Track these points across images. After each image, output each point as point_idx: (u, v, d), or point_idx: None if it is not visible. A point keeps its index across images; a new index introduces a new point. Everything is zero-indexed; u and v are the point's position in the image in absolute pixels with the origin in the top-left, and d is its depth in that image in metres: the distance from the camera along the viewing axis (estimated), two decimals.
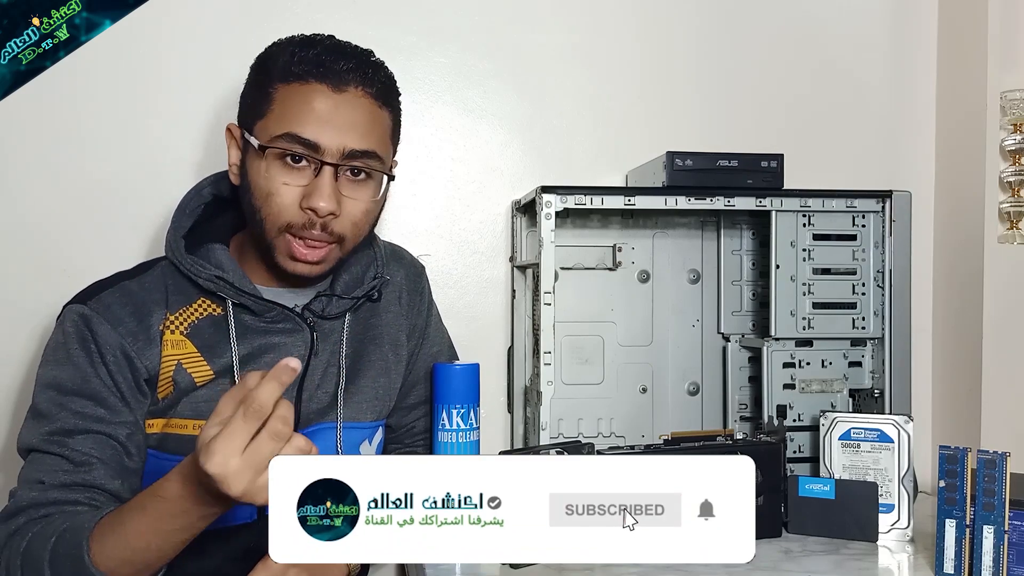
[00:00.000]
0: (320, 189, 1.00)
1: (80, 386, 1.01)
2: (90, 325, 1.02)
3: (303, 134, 1.00)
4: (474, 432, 1.16)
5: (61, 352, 1.03)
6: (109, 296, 1.04)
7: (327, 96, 1.01)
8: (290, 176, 1.01)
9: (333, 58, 1.02)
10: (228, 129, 1.08)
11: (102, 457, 1.00)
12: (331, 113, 1.01)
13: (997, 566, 0.97)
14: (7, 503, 0.99)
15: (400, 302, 1.22)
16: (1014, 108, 1.38)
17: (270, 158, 1.01)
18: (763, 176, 1.30)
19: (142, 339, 1.03)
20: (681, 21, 1.51)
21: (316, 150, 1.00)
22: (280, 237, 1.03)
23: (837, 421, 1.20)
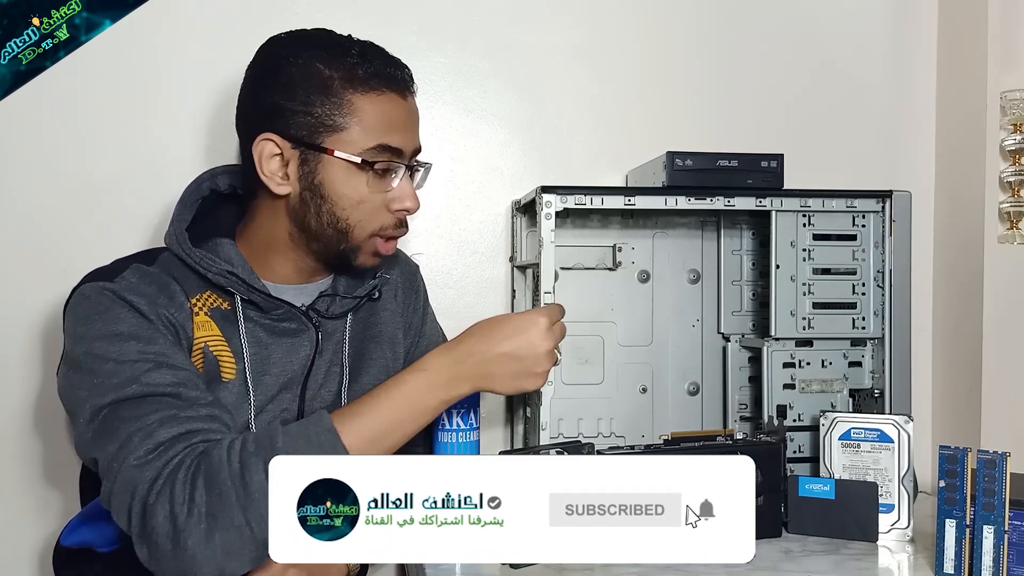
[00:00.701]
0: (407, 192, 1.08)
1: (144, 347, 0.97)
2: (124, 296, 0.99)
3: (393, 143, 1.06)
4: (474, 432, 1.16)
5: (101, 322, 0.98)
6: (131, 275, 1.02)
7: (400, 104, 1.07)
8: (380, 184, 1.06)
9: (390, 66, 1.08)
10: (266, 139, 1.04)
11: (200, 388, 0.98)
12: (407, 120, 1.08)
13: (997, 566, 0.97)
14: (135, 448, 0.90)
15: (396, 300, 1.23)
16: (1014, 108, 1.38)
17: (368, 172, 1.05)
18: (763, 176, 1.30)
19: (179, 311, 1.02)
20: (681, 21, 1.51)
21: (400, 156, 1.07)
22: (369, 240, 1.08)
23: (837, 421, 1.20)
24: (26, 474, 1.36)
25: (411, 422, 0.99)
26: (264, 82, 1.06)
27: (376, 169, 1.04)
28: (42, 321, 1.34)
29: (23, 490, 1.36)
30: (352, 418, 0.97)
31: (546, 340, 1.02)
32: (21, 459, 1.36)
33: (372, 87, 1.04)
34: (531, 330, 1.01)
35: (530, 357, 1.01)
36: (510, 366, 1.01)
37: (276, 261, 1.10)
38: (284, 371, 1.08)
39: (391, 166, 1.06)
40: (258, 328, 1.07)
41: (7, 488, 1.36)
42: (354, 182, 1.04)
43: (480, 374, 1.00)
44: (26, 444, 1.36)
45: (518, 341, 1.01)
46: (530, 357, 1.01)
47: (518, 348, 1.01)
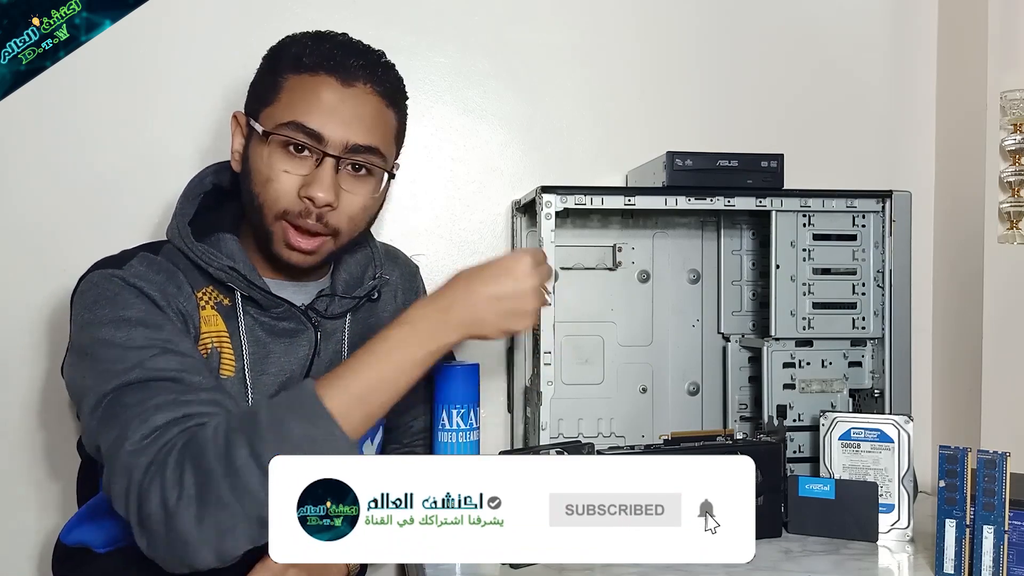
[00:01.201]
0: (320, 179, 1.01)
1: (151, 333, 0.96)
2: (132, 282, 0.99)
3: (308, 123, 1.01)
4: (474, 432, 1.15)
5: (109, 308, 0.97)
6: (139, 263, 1.02)
7: (335, 89, 1.02)
8: (291, 164, 1.02)
9: (344, 53, 1.04)
10: (234, 116, 1.09)
11: (203, 374, 0.97)
12: (337, 105, 1.02)
13: (997, 566, 0.97)
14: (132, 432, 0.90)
15: (396, 301, 1.23)
16: (1014, 108, 1.38)
17: (273, 144, 1.02)
18: (763, 176, 1.30)
19: (187, 301, 1.02)
20: (681, 21, 1.51)
21: (319, 140, 1.01)
22: (277, 224, 1.03)
23: (837, 421, 1.20)
24: (29, 471, 1.36)
25: (397, 378, 0.95)
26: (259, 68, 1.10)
27: (277, 143, 1.01)
28: (42, 320, 1.34)
29: (26, 486, 1.36)
30: (335, 381, 0.93)
31: (531, 277, 0.99)
32: (24, 456, 1.36)
33: (307, 68, 1.03)
34: (515, 268, 0.99)
35: (517, 295, 0.98)
36: (497, 307, 0.98)
37: (260, 256, 1.09)
38: (283, 371, 1.08)
39: (302, 147, 1.01)
40: (257, 326, 1.07)
41: (10, 484, 1.36)
42: (265, 157, 1.02)
43: (466, 320, 0.97)
44: (28, 441, 1.36)
45: (503, 281, 0.98)
46: (517, 295, 0.98)
47: (503, 288, 0.98)
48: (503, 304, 0.98)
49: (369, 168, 1.05)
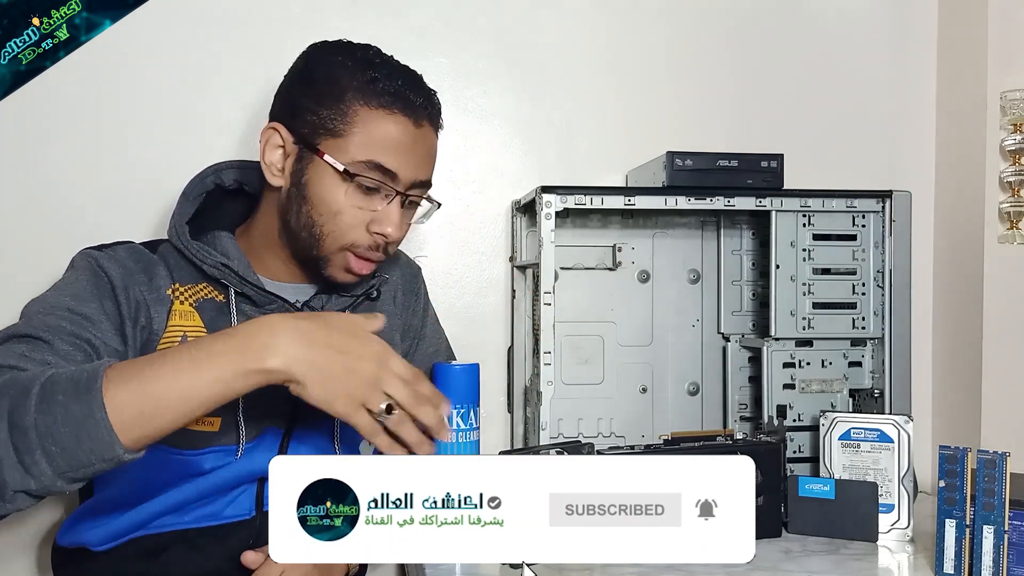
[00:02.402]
0: (391, 217, 1.05)
1: (76, 305, 0.96)
2: (102, 264, 1.02)
3: (387, 165, 1.03)
4: (474, 432, 1.15)
5: (64, 282, 1.01)
6: (123, 250, 1.05)
7: (408, 130, 1.05)
8: (365, 202, 1.04)
9: (412, 90, 1.06)
10: (273, 128, 1.07)
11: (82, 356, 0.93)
12: (411, 147, 1.05)
13: (997, 566, 0.97)
14: None
15: (395, 302, 1.23)
16: (1014, 108, 1.38)
17: (349, 183, 1.03)
18: (763, 176, 1.30)
19: (152, 293, 1.04)
20: (681, 21, 1.51)
21: (393, 180, 1.04)
22: (339, 253, 1.06)
23: (837, 421, 1.20)
24: None
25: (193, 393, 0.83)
26: (292, 79, 1.09)
27: (357, 183, 1.03)
28: None
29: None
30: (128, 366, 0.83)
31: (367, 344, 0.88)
32: None
33: (382, 104, 1.03)
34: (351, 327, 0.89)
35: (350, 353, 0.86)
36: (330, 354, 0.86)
37: (270, 257, 1.11)
38: None
39: (377, 186, 1.04)
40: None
41: None
42: (336, 191, 1.04)
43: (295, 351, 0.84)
44: None
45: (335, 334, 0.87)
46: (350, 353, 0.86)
47: (335, 339, 0.86)
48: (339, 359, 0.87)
49: (419, 200, 1.11)
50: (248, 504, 1.08)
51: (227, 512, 1.07)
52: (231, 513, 1.07)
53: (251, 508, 1.08)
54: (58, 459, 0.80)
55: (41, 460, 0.79)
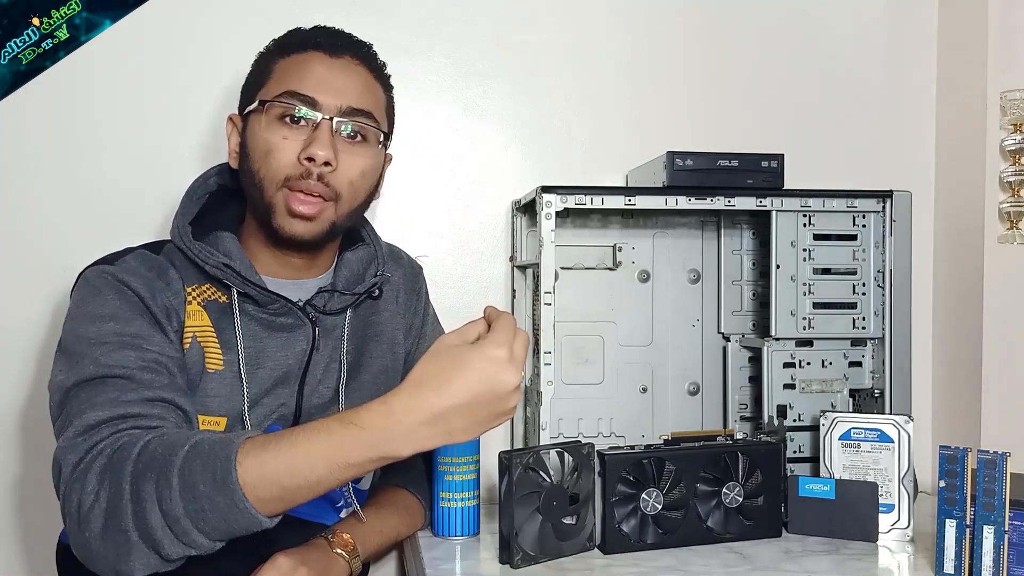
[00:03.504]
0: (318, 139, 1.03)
1: (123, 326, 0.98)
2: (122, 279, 1.02)
3: (301, 90, 1.04)
4: None
5: (94, 303, 1.00)
6: (132, 259, 1.05)
7: (324, 60, 1.07)
8: (290, 133, 1.05)
9: (329, 33, 1.10)
10: (230, 119, 1.12)
11: (164, 378, 0.97)
12: (328, 74, 1.06)
13: (997, 566, 0.97)
14: (71, 425, 0.91)
15: (397, 301, 1.23)
16: (1014, 108, 1.38)
17: (270, 116, 1.04)
18: (763, 176, 1.30)
19: (175, 296, 1.04)
20: (681, 21, 1.51)
21: (314, 105, 1.04)
22: (278, 194, 1.05)
23: (837, 421, 1.20)
24: (33, 471, 1.36)
25: (329, 477, 0.87)
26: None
27: (273, 113, 1.04)
28: (43, 320, 1.35)
29: (30, 486, 1.36)
30: (261, 452, 0.86)
31: (510, 373, 0.87)
32: (27, 456, 1.36)
33: (296, 49, 1.08)
34: (492, 370, 0.86)
35: (496, 399, 0.87)
36: (473, 415, 0.87)
37: (263, 253, 1.12)
38: (279, 365, 1.08)
39: (288, 110, 1.04)
40: (253, 322, 1.08)
41: (14, 484, 1.36)
42: (261, 131, 1.05)
43: (428, 433, 0.86)
44: (32, 441, 1.36)
45: (478, 387, 0.86)
46: (496, 399, 0.87)
47: (479, 394, 0.86)
48: (480, 411, 0.87)
49: (364, 134, 1.08)
50: None
51: None
52: None
53: None
54: (212, 533, 0.87)
55: (199, 537, 0.87)
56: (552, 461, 1.07)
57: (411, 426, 0.86)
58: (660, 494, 1.12)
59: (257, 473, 0.86)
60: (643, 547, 1.11)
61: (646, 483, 1.11)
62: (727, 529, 1.14)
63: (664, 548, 1.12)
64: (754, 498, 1.16)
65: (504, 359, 0.87)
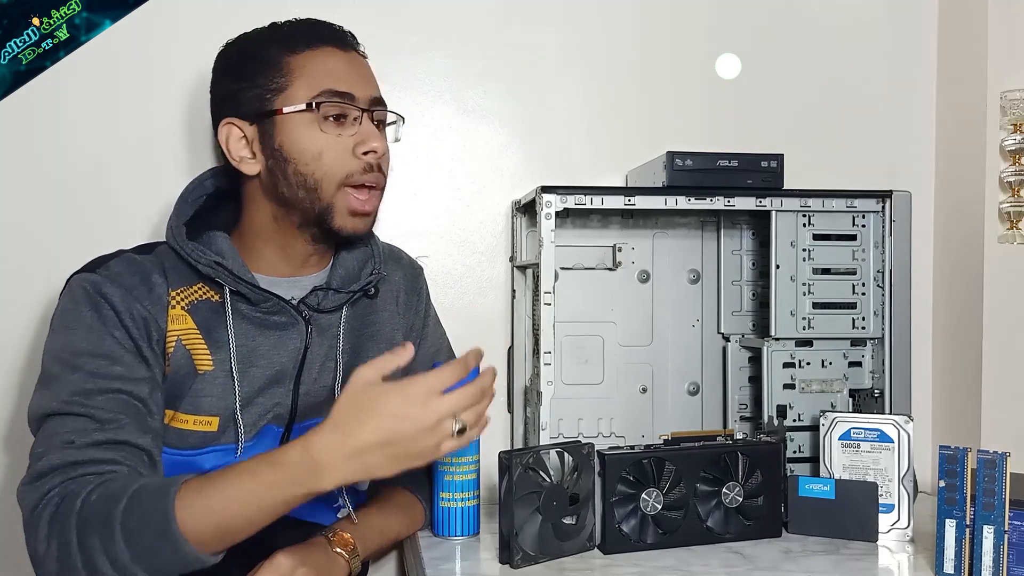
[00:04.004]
0: (371, 133, 1.08)
1: (94, 347, 1.01)
2: (101, 290, 1.03)
3: (339, 87, 1.07)
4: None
5: (70, 317, 1.02)
6: (117, 265, 1.06)
7: (340, 55, 1.09)
8: (337, 129, 1.07)
9: (326, 27, 1.11)
10: (228, 124, 1.09)
11: (127, 414, 0.99)
12: (351, 68, 1.10)
13: (997, 566, 0.97)
14: (30, 467, 0.97)
15: (397, 302, 1.23)
16: (1014, 108, 1.38)
17: (317, 116, 1.06)
18: (763, 176, 1.30)
19: (155, 304, 1.04)
20: (681, 20, 1.50)
21: (353, 100, 1.08)
22: (339, 194, 1.07)
23: (837, 421, 1.20)
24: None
25: (260, 514, 0.91)
26: (218, 76, 1.13)
27: (325, 113, 1.06)
28: (40, 320, 1.34)
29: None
30: (197, 499, 0.90)
31: (425, 412, 0.88)
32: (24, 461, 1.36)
33: (307, 45, 1.08)
34: (403, 408, 0.88)
35: (404, 439, 0.88)
36: (386, 452, 0.89)
37: (267, 250, 1.12)
38: (272, 363, 1.08)
39: (343, 109, 1.07)
40: (246, 321, 1.08)
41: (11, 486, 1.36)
42: (310, 133, 1.06)
43: (348, 469, 0.89)
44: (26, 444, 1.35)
45: (384, 425, 0.88)
46: (404, 439, 0.88)
47: (385, 434, 0.88)
48: (394, 450, 0.89)
49: (383, 120, 1.13)
50: None
51: None
52: None
53: None
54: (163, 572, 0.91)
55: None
56: (552, 461, 1.08)
57: (330, 463, 0.89)
58: (660, 494, 1.12)
59: (195, 519, 0.89)
60: (643, 547, 1.11)
61: (646, 483, 1.11)
62: (727, 529, 1.14)
63: (664, 548, 1.12)
64: (754, 498, 1.16)
65: (419, 396, 0.89)
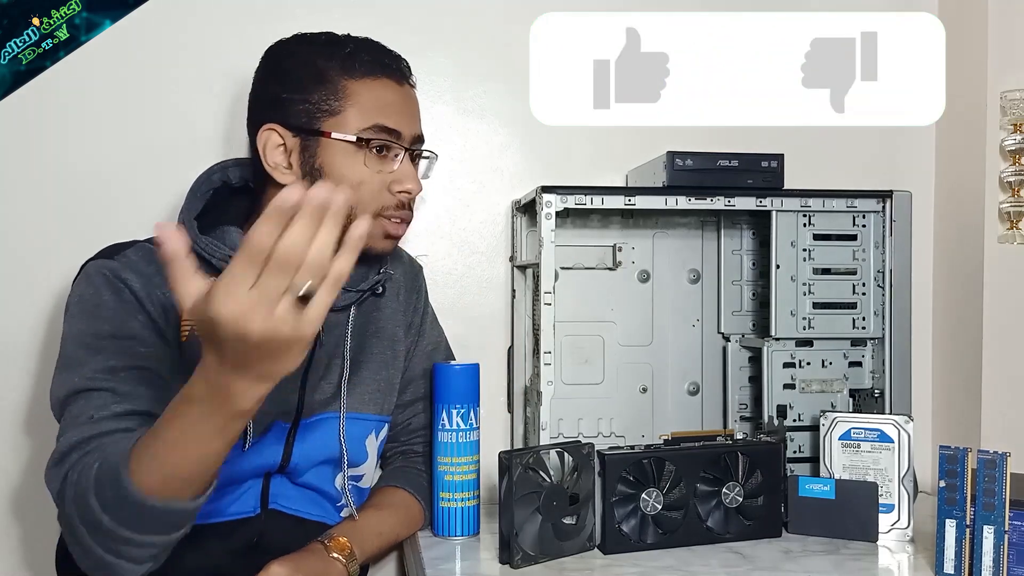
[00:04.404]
0: (408, 174, 1.11)
1: (117, 329, 1.00)
2: (120, 275, 1.03)
3: (389, 124, 1.09)
4: (474, 432, 1.16)
5: (90, 303, 1.02)
6: (134, 253, 1.06)
7: (396, 89, 1.11)
8: (379, 164, 1.09)
9: (387, 56, 1.12)
10: (271, 129, 1.08)
11: (148, 386, 0.99)
12: (403, 105, 1.12)
13: (997, 566, 0.97)
14: (55, 449, 0.96)
15: (399, 299, 1.24)
16: (1014, 108, 1.38)
17: (359, 148, 1.07)
18: (763, 176, 1.30)
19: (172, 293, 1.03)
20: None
21: (399, 138, 1.10)
22: (373, 223, 1.08)
23: (837, 421, 1.20)
24: (35, 470, 1.36)
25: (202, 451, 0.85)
26: (267, 78, 1.12)
27: (372, 147, 1.08)
28: (46, 318, 1.35)
29: (31, 486, 1.36)
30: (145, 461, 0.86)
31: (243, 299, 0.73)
32: (29, 455, 1.36)
33: (366, 73, 1.09)
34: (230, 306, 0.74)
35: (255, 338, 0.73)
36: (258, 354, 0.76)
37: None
38: None
39: (388, 146, 1.09)
40: None
41: (16, 484, 1.36)
42: (352, 163, 1.07)
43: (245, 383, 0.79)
44: (33, 441, 1.36)
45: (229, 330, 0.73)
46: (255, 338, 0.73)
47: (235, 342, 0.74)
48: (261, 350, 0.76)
49: (421, 154, 1.17)
50: (253, 502, 1.09)
51: (231, 510, 1.08)
52: (235, 511, 1.08)
53: (256, 506, 1.09)
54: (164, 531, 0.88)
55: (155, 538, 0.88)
56: (552, 461, 1.08)
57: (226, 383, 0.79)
58: (660, 494, 1.12)
59: (147, 474, 0.85)
60: (643, 547, 1.11)
61: (646, 483, 1.11)
62: (727, 529, 1.14)
63: (664, 548, 1.12)
64: (754, 498, 1.16)
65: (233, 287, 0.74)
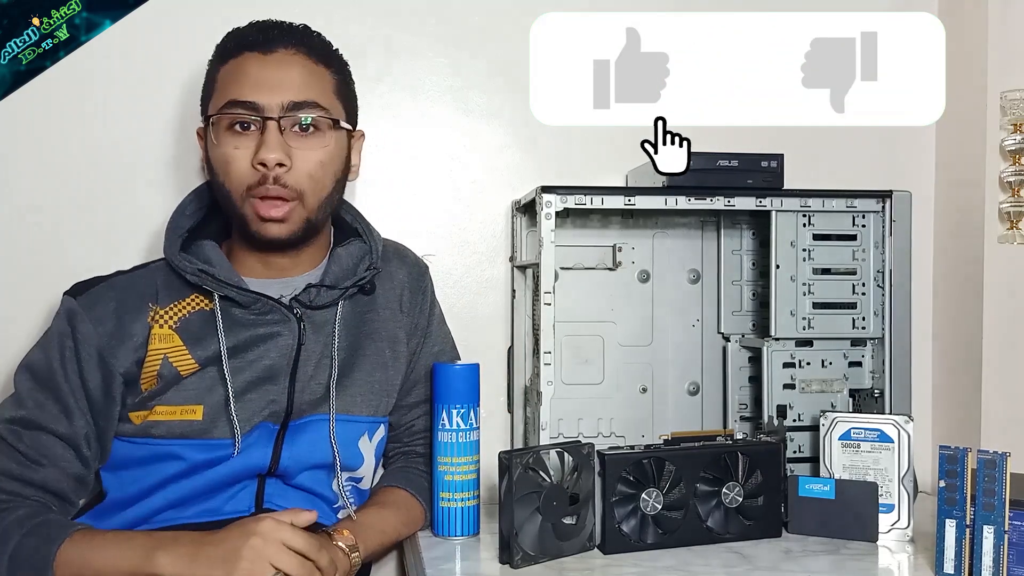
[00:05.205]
0: (266, 142, 1.04)
1: (46, 379, 1.05)
2: (73, 321, 1.06)
3: (241, 97, 1.05)
4: (474, 432, 1.16)
5: (45, 340, 1.09)
6: (98, 292, 1.09)
7: (258, 60, 1.07)
8: (241, 141, 1.06)
9: (260, 29, 1.09)
10: (198, 133, 1.14)
11: (52, 459, 1.03)
12: (263, 73, 1.07)
13: (997, 566, 0.97)
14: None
15: (401, 300, 1.23)
16: (1014, 108, 1.38)
17: (220, 128, 1.06)
18: (763, 176, 1.30)
19: (122, 340, 1.07)
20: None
21: (256, 109, 1.05)
22: (247, 203, 1.07)
23: (837, 421, 1.20)
24: None
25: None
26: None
27: (226, 124, 1.06)
28: (41, 322, 1.34)
29: None
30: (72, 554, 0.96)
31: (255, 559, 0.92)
32: None
33: (229, 55, 1.09)
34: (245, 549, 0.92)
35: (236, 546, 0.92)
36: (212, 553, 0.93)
37: (249, 257, 1.14)
38: (262, 361, 1.09)
39: (242, 120, 1.06)
40: (237, 324, 1.09)
41: None
42: (216, 144, 1.07)
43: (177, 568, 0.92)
44: None
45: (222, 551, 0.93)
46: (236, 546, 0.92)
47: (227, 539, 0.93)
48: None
49: (314, 124, 1.08)
50: (248, 501, 1.09)
51: (227, 508, 1.08)
52: (231, 509, 1.08)
53: (251, 505, 1.09)
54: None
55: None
56: (552, 461, 1.08)
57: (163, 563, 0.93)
58: (660, 494, 1.12)
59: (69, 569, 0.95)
60: (643, 547, 1.11)
61: (646, 483, 1.11)
62: (727, 529, 1.14)
63: (664, 548, 1.12)
64: (754, 498, 1.16)
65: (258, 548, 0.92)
